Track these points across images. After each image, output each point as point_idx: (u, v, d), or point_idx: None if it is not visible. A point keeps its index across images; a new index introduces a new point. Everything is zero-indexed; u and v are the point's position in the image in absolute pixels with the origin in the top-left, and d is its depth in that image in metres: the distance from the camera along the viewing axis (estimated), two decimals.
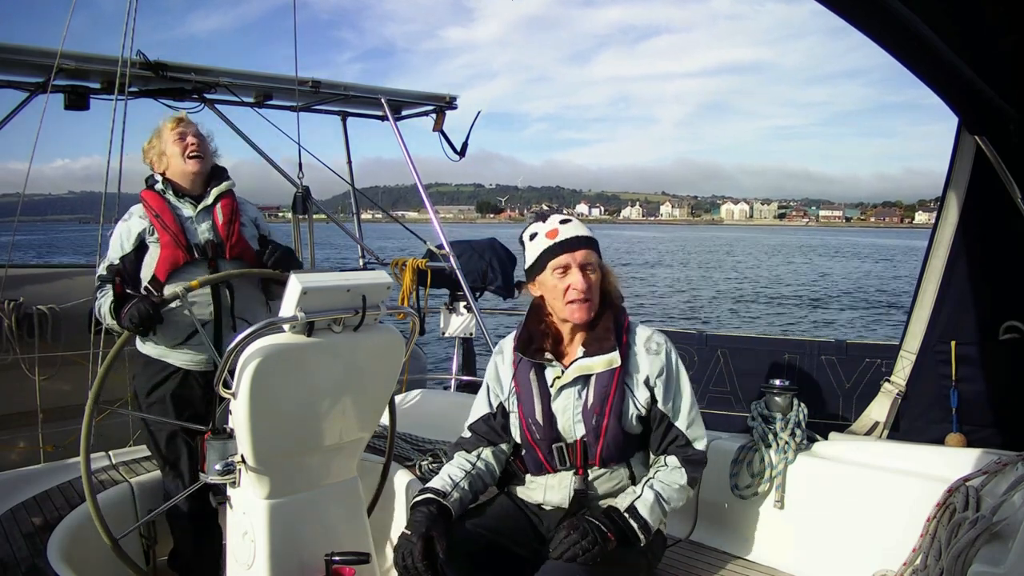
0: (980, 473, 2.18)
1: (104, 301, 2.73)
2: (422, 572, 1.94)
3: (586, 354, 2.16)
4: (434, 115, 5.56)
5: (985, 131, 2.63)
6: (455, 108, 5.55)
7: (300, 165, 4.50)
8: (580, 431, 2.14)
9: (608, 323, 2.18)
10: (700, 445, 2.21)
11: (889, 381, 3.24)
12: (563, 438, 2.16)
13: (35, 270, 5.13)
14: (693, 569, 2.57)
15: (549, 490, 2.21)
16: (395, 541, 2.96)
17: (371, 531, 2.49)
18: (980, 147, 2.73)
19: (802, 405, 2.82)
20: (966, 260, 3.01)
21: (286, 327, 2.08)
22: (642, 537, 2.04)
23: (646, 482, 2.15)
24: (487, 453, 2.30)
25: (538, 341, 2.23)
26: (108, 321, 2.72)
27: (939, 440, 3.05)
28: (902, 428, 3.21)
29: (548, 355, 2.21)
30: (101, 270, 2.80)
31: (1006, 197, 2.65)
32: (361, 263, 5.67)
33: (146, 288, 2.74)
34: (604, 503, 2.15)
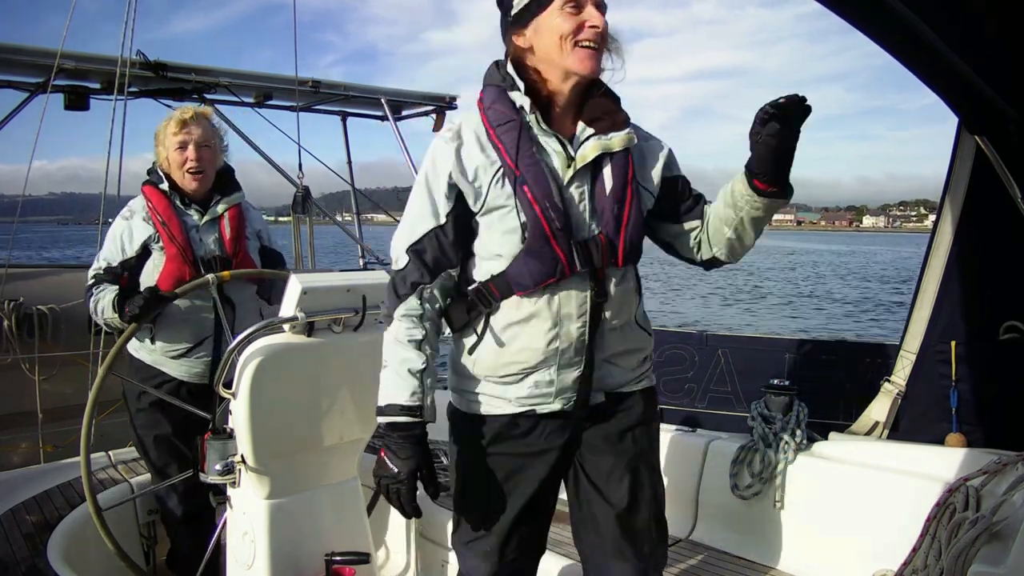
0: (980, 473, 2.18)
1: (103, 296, 2.57)
2: (412, 513, 1.67)
3: (597, 132, 1.64)
4: (434, 115, 5.57)
5: (985, 131, 2.63)
6: (455, 108, 5.56)
7: (300, 165, 4.50)
8: (594, 225, 1.63)
9: (609, 95, 1.69)
10: None
11: (889, 381, 3.24)
12: (577, 234, 1.63)
13: (35, 270, 5.13)
14: (693, 569, 2.58)
15: (553, 308, 1.61)
16: (395, 541, 2.99)
17: (371, 531, 2.48)
18: (980, 147, 2.73)
19: (802, 405, 2.82)
20: (966, 260, 3.01)
21: (286, 327, 2.08)
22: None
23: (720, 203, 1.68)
24: (436, 291, 1.67)
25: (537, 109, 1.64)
26: (108, 315, 2.55)
27: (939, 440, 3.05)
28: (902, 428, 3.21)
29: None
30: (96, 270, 2.65)
31: (1006, 197, 2.65)
32: (361, 263, 5.67)
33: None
34: (619, 351, 1.70)
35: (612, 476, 1.71)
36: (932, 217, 3.41)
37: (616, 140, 1.64)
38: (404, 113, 5.65)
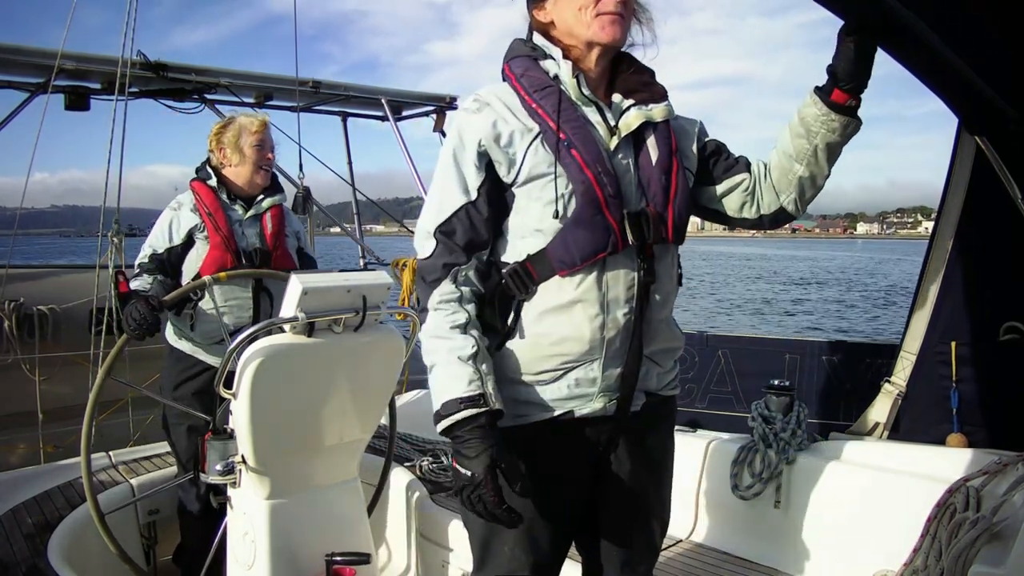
0: (980, 473, 2.18)
1: (136, 285, 2.68)
2: (504, 516, 1.39)
3: (637, 103, 1.54)
4: (434, 115, 5.58)
5: (985, 131, 2.64)
6: (456, 108, 5.56)
7: (300, 165, 4.51)
8: (640, 199, 1.50)
9: (642, 69, 1.60)
10: None
11: (889, 381, 3.24)
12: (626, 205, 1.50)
13: (35, 270, 5.13)
14: (693, 569, 2.58)
15: (600, 290, 1.45)
16: (395, 541, 2.99)
17: (371, 531, 2.49)
18: (980, 147, 2.73)
19: (802, 405, 2.82)
20: (966, 260, 3.01)
21: (287, 327, 2.08)
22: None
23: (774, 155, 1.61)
24: (472, 274, 1.50)
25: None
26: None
27: (940, 440, 3.05)
28: (902, 428, 3.21)
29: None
30: (141, 258, 2.77)
31: (1006, 197, 2.65)
32: (362, 263, 5.67)
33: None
34: (661, 347, 1.57)
35: (634, 490, 1.61)
36: (927, 223, 3.41)
37: (657, 111, 1.54)
38: (404, 113, 5.66)
